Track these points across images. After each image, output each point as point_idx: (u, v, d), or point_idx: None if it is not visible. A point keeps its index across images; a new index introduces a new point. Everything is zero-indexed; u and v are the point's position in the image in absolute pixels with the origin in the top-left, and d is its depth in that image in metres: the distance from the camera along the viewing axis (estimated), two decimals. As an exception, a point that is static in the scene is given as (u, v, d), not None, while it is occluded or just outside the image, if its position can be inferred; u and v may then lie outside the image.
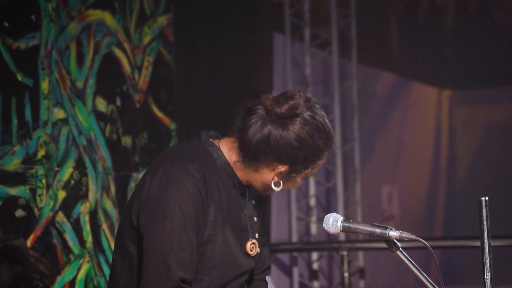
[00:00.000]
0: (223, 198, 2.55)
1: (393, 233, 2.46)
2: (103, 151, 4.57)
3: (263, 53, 6.28)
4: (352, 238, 6.70)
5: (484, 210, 2.46)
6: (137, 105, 4.83)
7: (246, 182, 2.61)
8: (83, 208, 4.40)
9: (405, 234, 2.45)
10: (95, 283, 4.45)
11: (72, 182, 4.34)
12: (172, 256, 2.41)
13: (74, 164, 4.36)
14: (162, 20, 5.05)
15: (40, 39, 4.20)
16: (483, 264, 2.46)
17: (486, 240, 2.46)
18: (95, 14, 4.57)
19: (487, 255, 2.46)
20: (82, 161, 4.42)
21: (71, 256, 4.31)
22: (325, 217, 2.55)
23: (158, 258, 2.42)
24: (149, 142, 4.90)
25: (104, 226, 4.53)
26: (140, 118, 4.85)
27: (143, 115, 4.88)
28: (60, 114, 4.29)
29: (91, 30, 4.54)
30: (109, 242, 4.53)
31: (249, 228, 2.62)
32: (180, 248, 2.43)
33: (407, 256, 2.48)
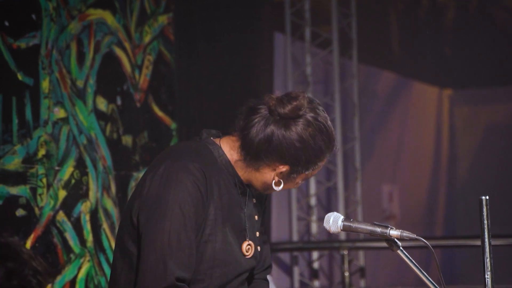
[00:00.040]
0: (224, 197, 2.55)
1: (394, 232, 2.46)
2: (104, 150, 4.57)
3: (264, 53, 6.29)
4: (353, 238, 6.70)
5: (485, 209, 2.46)
6: (138, 104, 4.83)
7: (247, 181, 2.61)
8: (84, 207, 4.40)
9: (406, 233, 2.45)
10: (96, 283, 4.45)
11: (73, 181, 4.34)
12: (170, 256, 2.41)
13: (75, 163, 4.36)
14: (163, 20, 5.05)
15: (41, 38, 4.20)
16: (484, 263, 2.46)
17: (487, 239, 2.45)
18: (96, 14, 4.57)
19: (488, 254, 2.46)
20: (83, 160, 4.42)
21: (72, 256, 4.31)
22: (326, 216, 2.55)
23: (156, 257, 2.42)
24: (150, 141, 4.90)
25: (105, 225, 4.53)
26: (141, 117, 4.85)
27: (144, 114, 4.88)
28: (61, 114, 4.29)
29: (92, 30, 4.54)
30: (110, 242, 4.53)
31: (248, 228, 2.62)
32: (179, 248, 2.43)
33: (408, 255, 2.48)
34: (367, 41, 7.51)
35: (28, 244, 4.05)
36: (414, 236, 2.44)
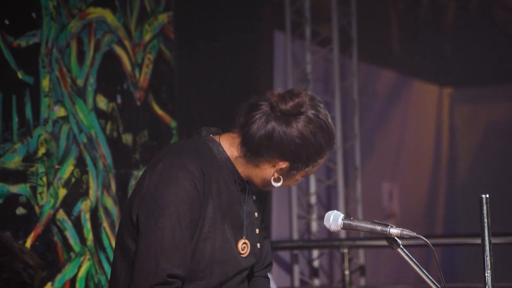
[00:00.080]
0: (224, 195, 2.55)
1: (394, 231, 2.46)
2: (104, 149, 4.57)
3: (264, 51, 6.29)
4: (353, 236, 6.70)
5: (485, 208, 2.46)
6: (138, 103, 4.83)
7: (246, 178, 2.61)
8: (84, 206, 4.40)
9: (406, 232, 2.45)
10: (96, 281, 4.45)
11: (73, 180, 4.34)
12: (163, 253, 2.42)
13: (75, 162, 4.36)
14: (163, 18, 5.05)
15: (41, 37, 4.20)
16: (484, 262, 2.46)
17: (487, 238, 2.45)
18: (96, 12, 4.57)
19: (488, 253, 2.46)
20: (83, 159, 4.42)
21: (72, 254, 4.31)
22: (326, 215, 2.55)
23: (149, 254, 2.43)
24: (150, 140, 4.90)
25: (105, 224, 4.53)
26: (141, 116, 4.85)
27: (144, 113, 4.88)
28: (61, 112, 4.29)
29: (92, 28, 4.53)
30: (110, 240, 4.53)
31: (246, 225, 2.62)
32: (172, 245, 2.43)
33: (408, 254, 2.48)
34: (367, 40, 7.51)
35: (28, 243, 4.05)
36: (414, 234, 2.45)
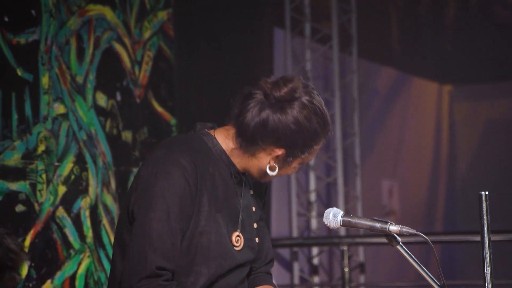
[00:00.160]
0: (220, 188, 2.55)
1: (393, 228, 2.46)
2: (103, 146, 4.57)
3: (264, 48, 6.28)
4: (353, 233, 6.71)
5: (484, 205, 2.46)
6: (137, 100, 4.83)
7: (243, 170, 2.61)
8: (84, 203, 4.40)
9: (405, 229, 2.44)
10: (96, 278, 4.45)
11: (72, 177, 4.34)
12: (151, 246, 2.42)
13: (74, 159, 4.36)
14: (162, 15, 5.05)
15: (40, 34, 4.20)
16: (483, 259, 2.46)
17: (486, 235, 2.45)
18: (95, 9, 4.57)
19: (487, 250, 2.46)
20: (82, 156, 4.42)
21: (72, 251, 4.31)
22: (325, 212, 2.54)
23: (138, 248, 2.44)
24: (150, 137, 4.90)
25: (105, 221, 4.53)
26: (140, 113, 4.85)
27: (143, 110, 4.87)
28: (60, 109, 4.29)
29: (91, 25, 4.53)
30: (110, 237, 4.53)
31: (243, 219, 2.61)
32: (160, 238, 2.43)
33: (407, 251, 2.48)
34: (367, 37, 7.50)
35: (28, 240, 4.05)
36: (414, 232, 2.44)
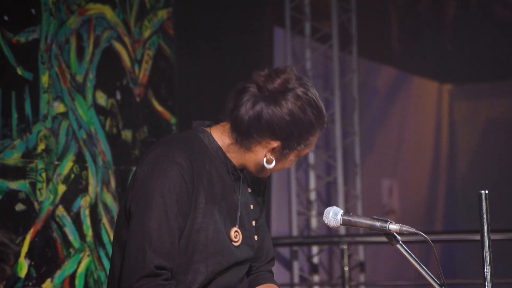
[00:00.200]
0: (217, 185, 2.55)
1: (393, 227, 2.45)
2: (103, 145, 4.57)
3: (264, 47, 6.28)
4: (352, 232, 6.71)
5: (484, 203, 2.46)
6: (137, 99, 4.83)
7: (241, 166, 2.61)
8: (83, 202, 4.40)
9: (405, 228, 2.44)
10: (95, 277, 4.45)
11: (72, 176, 4.34)
12: (150, 244, 2.41)
13: (74, 158, 4.36)
14: (162, 14, 5.05)
15: (40, 33, 4.20)
16: (483, 258, 2.46)
17: (486, 234, 2.45)
18: (95, 8, 4.57)
19: (487, 249, 2.46)
20: (82, 155, 4.42)
21: (71, 250, 4.31)
22: (325, 211, 2.54)
23: (136, 246, 2.43)
24: (149, 136, 4.89)
25: (104, 220, 4.53)
26: (140, 112, 4.85)
27: (143, 109, 4.87)
28: (60, 108, 4.29)
29: (91, 24, 4.53)
30: (109, 236, 4.53)
31: (241, 215, 2.61)
32: (159, 236, 2.42)
33: (407, 250, 2.48)
34: (367, 36, 7.50)
35: (28, 239, 4.05)
36: (414, 230, 2.44)
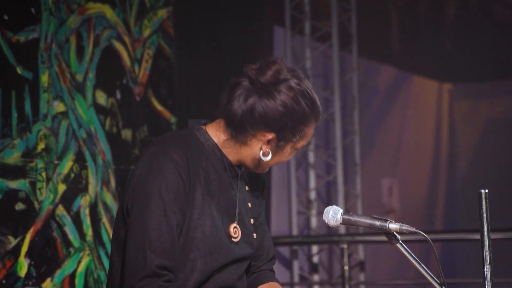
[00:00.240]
0: (214, 182, 2.54)
1: (393, 226, 2.45)
2: (103, 144, 4.57)
3: (264, 47, 6.28)
4: (352, 231, 6.71)
5: (484, 202, 2.46)
6: (137, 98, 4.83)
7: (238, 162, 2.60)
8: (83, 201, 4.40)
9: (405, 227, 2.44)
10: (95, 276, 4.45)
11: (72, 175, 4.34)
12: (149, 243, 2.40)
13: (74, 157, 4.36)
14: (162, 13, 5.05)
15: (40, 32, 4.19)
16: (483, 257, 2.45)
17: (486, 233, 2.45)
18: (95, 7, 4.57)
19: (487, 248, 2.45)
20: (82, 154, 4.42)
21: (71, 249, 4.31)
22: (325, 210, 2.54)
23: (136, 246, 2.41)
24: (149, 136, 4.89)
25: (104, 219, 4.53)
26: (140, 111, 4.85)
27: (143, 108, 4.87)
28: (60, 107, 4.29)
29: (91, 23, 4.53)
30: (109, 235, 4.53)
31: (239, 212, 2.61)
32: (159, 235, 2.41)
33: (407, 249, 2.47)
34: (367, 36, 7.50)
35: (28, 238, 4.05)
36: (414, 230, 2.44)
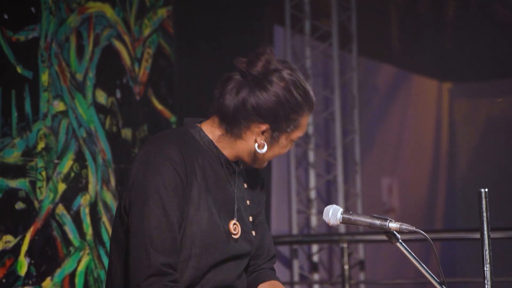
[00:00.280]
0: (211, 179, 2.54)
1: (393, 225, 2.45)
2: (103, 144, 4.57)
3: (263, 46, 6.27)
4: (352, 231, 6.71)
5: (484, 202, 2.46)
6: (137, 98, 4.83)
7: (235, 157, 2.60)
8: (83, 201, 4.40)
9: (405, 226, 2.44)
10: (95, 276, 4.45)
11: (72, 175, 4.34)
12: (151, 242, 2.40)
13: (74, 157, 4.36)
14: (162, 13, 5.04)
15: (40, 32, 4.19)
16: (483, 256, 2.45)
17: (486, 232, 2.45)
18: (95, 6, 4.57)
19: (487, 247, 2.45)
20: (82, 154, 4.42)
21: (71, 249, 4.31)
22: (325, 209, 2.54)
23: (139, 245, 2.41)
24: (149, 135, 4.89)
25: (104, 219, 4.53)
26: (140, 111, 4.85)
27: (143, 108, 4.87)
28: (60, 107, 4.29)
29: (91, 23, 4.53)
30: (109, 235, 4.53)
31: (238, 209, 2.61)
32: (159, 233, 2.41)
33: (407, 248, 2.47)
34: (367, 35, 7.50)
35: (28, 237, 4.05)
36: (413, 229, 2.44)
